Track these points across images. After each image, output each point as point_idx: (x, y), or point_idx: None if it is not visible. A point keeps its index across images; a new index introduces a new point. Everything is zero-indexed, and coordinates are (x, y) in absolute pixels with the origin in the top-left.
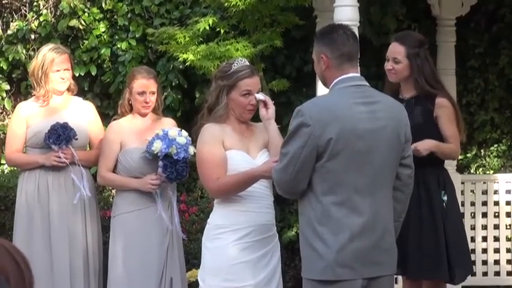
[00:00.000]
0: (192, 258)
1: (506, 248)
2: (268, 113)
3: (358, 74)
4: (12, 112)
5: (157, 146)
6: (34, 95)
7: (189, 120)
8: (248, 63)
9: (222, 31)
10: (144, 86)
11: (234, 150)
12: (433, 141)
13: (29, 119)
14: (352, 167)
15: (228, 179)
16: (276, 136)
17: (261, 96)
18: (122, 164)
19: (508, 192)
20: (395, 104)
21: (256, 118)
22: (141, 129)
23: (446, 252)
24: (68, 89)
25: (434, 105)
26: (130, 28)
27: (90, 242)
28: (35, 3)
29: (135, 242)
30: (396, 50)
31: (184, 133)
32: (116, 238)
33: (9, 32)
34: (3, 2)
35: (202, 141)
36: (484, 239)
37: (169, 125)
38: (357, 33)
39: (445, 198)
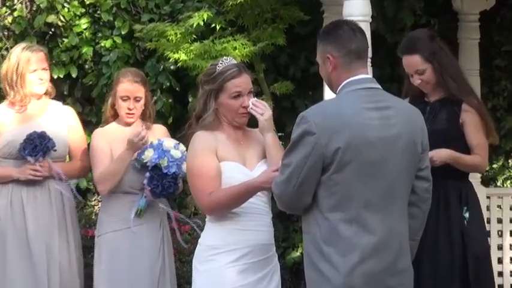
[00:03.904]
0: (185, 282)
1: None
2: (263, 122)
3: (369, 76)
4: None
5: (148, 155)
6: (7, 100)
7: (181, 127)
8: (235, 62)
9: (217, 27)
10: (127, 90)
11: (228, 162)
12: (450, 151)
13: (1, 126)
14: (362, 180)
15: (223, 193)
16: (272, 149)
17: (253, 100)
18: None
19: None
20: (410, 109)
21: (253, 123)
22: None
23: (466, 275)
24: (45, 93)
25: (461, 110)
26: (116, 24)
27: (71, 263)
28: None
29: (123, 264)
30: (412, 62)
31: (182, 147)
32: (101, 260)
33: None
34: None
35: (193, 151)
36: None
37: (160, 133)
38: (368, 29)
39: (467, 215)
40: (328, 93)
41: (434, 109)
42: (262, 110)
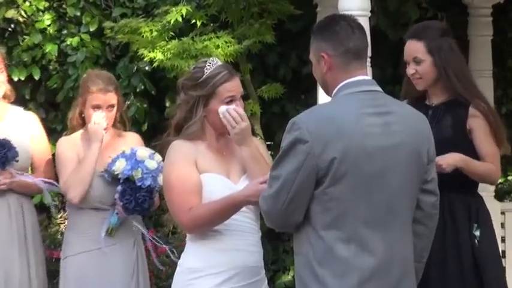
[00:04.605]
0: None
1: None
2: (233, 135)
3: (369, 77)
4: None
5: (120, 166)
6: None
7: (157, 135)
8: (221, 63)
9: (198, 23)
10: (99, 99)
11: (210, 173)
12: (458, 154)
13: None
14: (360, 194)
15: (204, 208)
16: (250, 162)
17: (230, 109)
18: None
19: None
20: (415, 115)
21: None
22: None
23: None
24: (3, 97)
25: (467, 114)
26: (83, 20)
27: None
28: None
29: None
30: (414, 48)
31: (158, 157)
32: (67, 285)
33: None
34: None
35: (170, 162)
36: None
37: (133, 141)
38: (368, 25)
39: (477, 233)
40: (322, 97)
41: (437, 113)
42: (235, 122)
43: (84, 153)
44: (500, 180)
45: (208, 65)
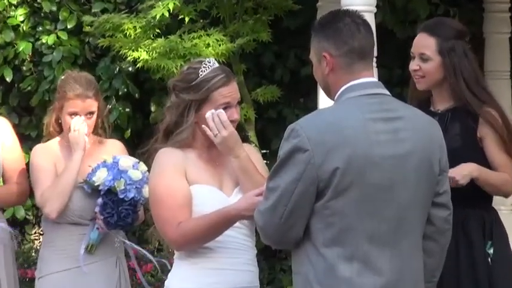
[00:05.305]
0: None
1: None
2: (216, 144)
3: (375, 79)
4: None
5: (101, 176)
6: None
7: (141, 142)
8: (218, 65)
9: (186, 19)
10: (77, 106)
11: (200, 185)
12: (471, 163)
13: None
14: (366, 208)
15: (194, 223)
16: (240, 174)
17: (215, 114)
18: None
19: None
20: (426, 120)
21: None
22: None
23: None
24: None
25: (477, 122)
26: (60, 16)
27: None
28: None
29: None
30: (424, 43)
31: (142, 167)
32: None
33: None
34: None
35: (157, 171)
36: None
37: (115, 149)
38: (373, 21)
39: (491, 251)
40: (323, 101)
41: (444, 120)
42: (217, 128)
43: (64, 162)
44: None
45: (204, 67)
